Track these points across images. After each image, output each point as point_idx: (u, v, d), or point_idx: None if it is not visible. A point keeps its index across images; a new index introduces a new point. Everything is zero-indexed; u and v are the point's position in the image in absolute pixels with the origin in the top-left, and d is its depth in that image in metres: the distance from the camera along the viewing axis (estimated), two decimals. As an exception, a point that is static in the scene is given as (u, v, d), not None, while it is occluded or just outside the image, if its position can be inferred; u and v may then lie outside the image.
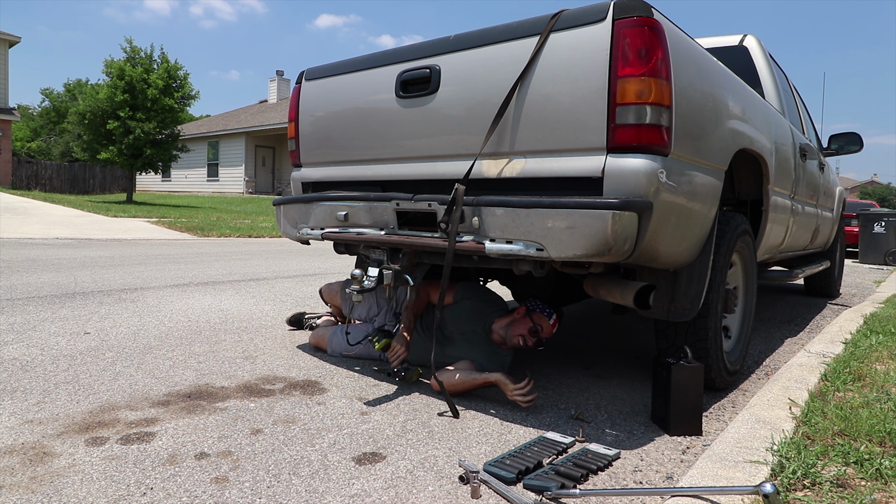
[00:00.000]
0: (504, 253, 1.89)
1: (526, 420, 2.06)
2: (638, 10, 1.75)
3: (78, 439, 1.76)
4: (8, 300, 3.75)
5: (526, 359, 2.88)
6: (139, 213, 13.29)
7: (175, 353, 2.75)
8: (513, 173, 1.98)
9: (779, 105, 3.32)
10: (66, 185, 25.83)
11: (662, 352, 2.32)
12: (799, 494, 1.41)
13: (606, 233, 1.70)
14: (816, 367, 2.52)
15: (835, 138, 4.73)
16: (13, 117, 21.08)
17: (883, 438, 1.72)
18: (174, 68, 18.10)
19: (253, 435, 1.85)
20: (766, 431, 1.77)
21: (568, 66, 1.85)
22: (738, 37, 3.60)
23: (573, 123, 1.84)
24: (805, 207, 3.60)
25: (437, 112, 2.18)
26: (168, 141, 17.95)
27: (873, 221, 10.09)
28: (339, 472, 1.62)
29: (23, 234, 8.31)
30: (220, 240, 9.60)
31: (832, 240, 5.09)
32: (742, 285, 2.72)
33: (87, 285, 4.46)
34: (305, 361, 2.71)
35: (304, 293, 4.58)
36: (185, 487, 1.49)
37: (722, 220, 2.37)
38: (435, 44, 2.23)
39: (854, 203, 13.33)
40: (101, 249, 7.12)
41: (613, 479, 1.63)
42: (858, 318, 3.80)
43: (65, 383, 2.25)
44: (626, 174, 1.75)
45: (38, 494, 1.43)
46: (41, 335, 2.94)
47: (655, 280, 2.14)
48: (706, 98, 2.07)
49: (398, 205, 2.22)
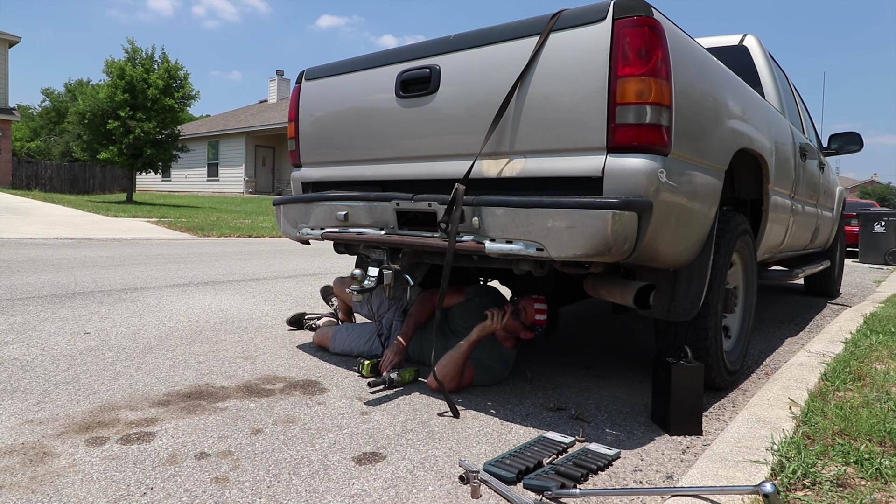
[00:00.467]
0: (504, 253, 1.89)
1: (526, 420, 2.07)
2: (638, 9, 1.75)
3: (78, 439, 1.76)
4: (8, 300, 3.75)
5: (526, 359, 2.88)
6: (139, 213, 13.29)
7: (175, 353, 2.75)
8: (513, 173, 1.99)
9: (779, 105, 3.32)
10: (66, 185, 25.82)
11: (662, 352, 2.32)
12: (799, 494, 1.41)
13: (606, 232, 1.70)
14: (816, 367, 2.52)
15: (835, 138, 4.73)
16: (13, 117, 21.08)
17: (883, 438, 1.72)
18: (174, 68, 18.10)
19: (253, 435, 1.85)
20: (766, 431, 1.77)
21: (568, 66, 1.85)
22: (738, 36, 3.60)
23: (573, 123, 1.84)
24: (805, 207, 3.60)
25: (437, 112, 2.18)
26: (168, 141, 17.94)
27: (873, 221, 10.09)
28: (340, 471, 1.62)
29: (23, 234, 8.32)
30: (220, 240, 9.60)
31: (832, 239, 5.09)
32: (742, 285, 2.72)
33: (87, 285, 4.46)
34: (305, 361, 2.71)
35: (304, 293, 4.58)
36: (185, 487, 1.50)
37: (722, 219, 2.37)
38: (435, 44, 2.23)
39: (854, 203, 13.33)
40: (101, 249, 7.12)
41: (613, 478, 1.63)
42: (858, 318, 3.80)
43: (65, 383, 2.25)
44: (627, 174, 1.75)
45: (38, 494, 1.43)
46: (41, 335, 2.94)
47: (655, 280, 2.14)
48: (706, 98, 2.07)
49: (398, 205, 2.22)
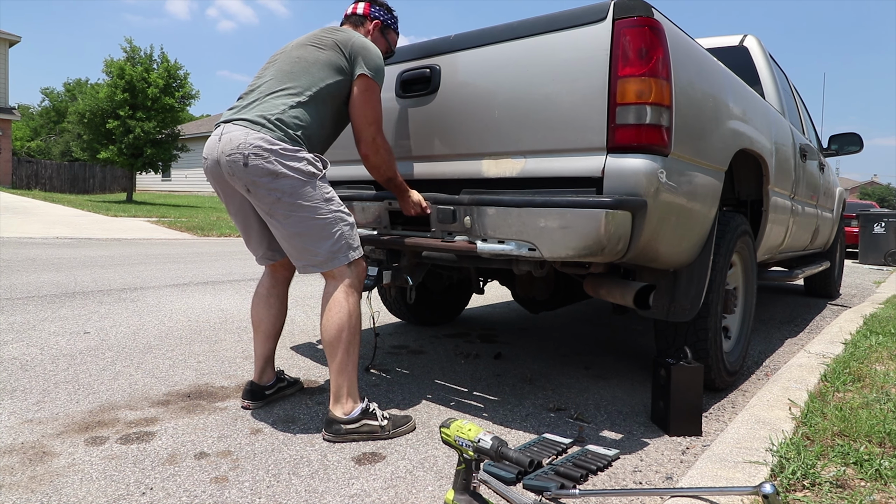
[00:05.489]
0: (496, 253, 1.87)
1: (526, 420, 2.07)
2: (638, 9, 1.75)
3: (78, 439, 1.76)
4: (8, 300, 3.75)
5: (526, 359, 2.88)
6: (139, 212, 13.29)
7: (175, 352, 2.75)
8: (513, 173, 1.98)
9: (779, 105, 3.32)
10: (66, 185, 25.82)
11: (662, 352, 2.32)
12: (798, 495, 1.41)
13: (599, 232, 1.68)
14: (816, 368, 2.52)
15: (835, 139, 4.73)
16: (13, 117, 21.06)
17: (882, 439, 1.72)
18: (174, 68, 18.10)
19: (253, 434, 1.85)
20: (765, 432, 1.77)
21: (568, 66, 1.85)
22: (738, 37, 3.60)
23: (573, 123, 1.84)
24: (805, 208, 3.60)
25: (437, 112, 2.18)
26: (168, 140, 17.94)
27: (873, 222, 10.08)
28: (339, 471, 1.62)
29: (23, 233, 8.31)
30: (220, 240, 9.60)
31: (832, 240, 5.09)
32: (742, 286, 2.71)
33: (86, 285, 4.46)
34: (305, 361, 2.72)
35: (304, 293, 4.58)
36: (185, 487, 1.50)
37: (722, 220, 2.37)
38: (435, 44, 2.23)
39: (854, 203, 13.31)
40: (101, 249, 7.12)
41: (613, 479, 1.63)
42: (858, 319, 3.80)
43: (64, 383, 2.25)
44: (626, 174, 1.74)
45: (38, 494, 1.43)
46: (41, 335, 2.94)
47: (655, 280, 2.14)
48: (706, 98, 2.07)
49: (391, 204, 2.21)
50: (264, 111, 1.82)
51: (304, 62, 1.91)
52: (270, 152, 1.76)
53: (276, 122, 1.80)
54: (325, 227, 1.83)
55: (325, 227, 1.83)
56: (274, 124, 1.80)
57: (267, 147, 1.76)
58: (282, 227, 1.85)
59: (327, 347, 1.86)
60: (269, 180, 1.76)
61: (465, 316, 3.95)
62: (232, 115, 1.87)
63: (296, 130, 1.83)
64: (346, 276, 1.88)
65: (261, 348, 2.13)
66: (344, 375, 1.85)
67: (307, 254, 1.86)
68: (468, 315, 3.99)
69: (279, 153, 1.77)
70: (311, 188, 1.81)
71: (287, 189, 1.78)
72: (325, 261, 1.86)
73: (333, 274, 1.89)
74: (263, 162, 1.75)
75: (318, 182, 1.83)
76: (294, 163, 1.78)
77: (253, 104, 1.86)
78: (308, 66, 1.90)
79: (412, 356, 2.88)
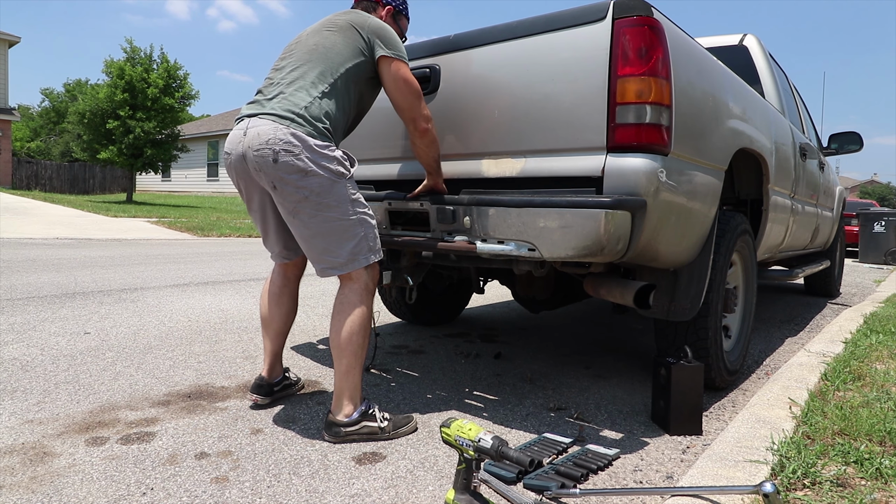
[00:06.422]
0: (495, 253, 1.87)
1: (526, 420, 2.07)
2: (638, 9, 1.75)
3: (78, 439, 1.76)
4: (8, 300, 3.75)
5: (526, 359, 2.88)
6: (139, 213, 13.29)
7: (175, 353, 2.76)
8: (512, 173, 1.98)
9: (779, 105, 3.32)
10: (66, 185, 25.82)
11: (662, 351, 2.32)
12: (799, 494, 1.41)
13: (599, 232, 1.68)
14: (816, 367, 2.52)
15: (835, 138, 4.73)
16: (13, 117, 21.06)
17: (883, 438, 1.72)
18: (174, 68, 18.09)
19: (253, 435, 1.85)
20: (766, 431, 1.77)
21: (568, 66, 1.85)
22: (738, 36, 3.60)
23: (573, 123, 1.84)
24: (805, 207, 3.60)
25: (437, 112, 2.18)
26: (168, 141, 17.94)
27: (873, 221, 10.08)
28: (340, 471, 1.62)
29: (23, 234, 8.32)
30: (220, 240, 9.61)
31: (832, 239, 5.09)
32: (742, 285, 2.71)
33: (87, 285, 4.46)
34: (305, 361, 2.72)
35: (304, 293, 4.58)
36: (186, 487, 1.50)
37: (722, 219, 2.37)
38: (435, 43, 2.23)
39: (854, 202, 13.32)
40: (101, 249, 7.12)
41: (613, 478, 1.63)
42: (858, 318, 3.80)
43: (65, 383, 2.25)
44: (626, 174, 1.74)
45: (38, 494, 1.43)
46: (41, 335, 2.94)
47: (655, 279, 2.14)
48: (706, 97, 2.07)
49: (390, 204, 2.21)
50: (290, 105, 1.78)
51: (321, 48, 1.87)
52: (301, 149, 1.72)
53: (304, 116, 1.76)
54: (348, 230, 1.81)
55: (348, 228, 1.81)
56: (303, 118, 1.76)
57: (298, 143, 1.72)
58: (304, 227, 1.81)
59: (336, 349, 1.85)
60: (298, 177, 1.73)
61: (466, 316, 3.95)
62: (256, 110, 1.83)
63: (324, 123, 1.79)
64: (362, 278, 1.86)
65: (271, 345, 2.12)
66: (350, 378, 1.84)
67: (327, 255, 1.83)
68: (468, 315, 3.99)
69: (311, 149, 1.73)
70: (340, 188, 1.78)
71: (315, 188, 1.75)
72: (345, 263, 1.83)
73: (351, 276, 1.86)
74: (294, 158, 1.72)
75: (346, 182, 1.80)
76: (325, 161, 1.75)
77: (276, 97, 1.82)
78: (326, 51, 1.86)
79: (412, 356, 2.88)
